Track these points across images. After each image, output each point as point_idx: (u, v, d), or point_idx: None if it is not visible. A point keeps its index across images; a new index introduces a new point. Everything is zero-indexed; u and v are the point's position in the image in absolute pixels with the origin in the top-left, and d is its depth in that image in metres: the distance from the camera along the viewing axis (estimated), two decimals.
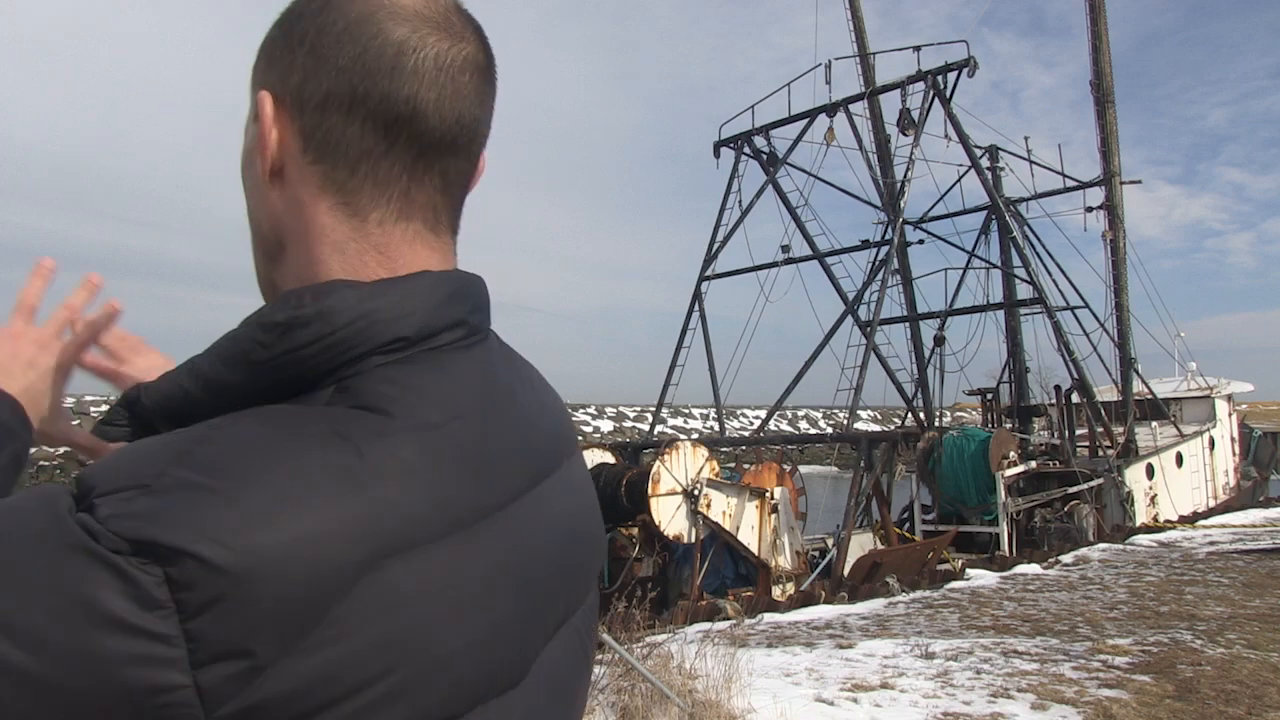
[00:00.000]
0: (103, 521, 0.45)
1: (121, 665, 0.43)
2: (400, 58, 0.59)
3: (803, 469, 14.93)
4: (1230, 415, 22.25)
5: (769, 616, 9.23)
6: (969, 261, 20.54)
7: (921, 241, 21.23)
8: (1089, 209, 20.70)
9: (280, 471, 0.49)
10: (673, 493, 12.20)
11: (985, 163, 20.06)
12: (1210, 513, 18.25)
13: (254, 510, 0.47)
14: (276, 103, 0.61)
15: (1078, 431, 18.10)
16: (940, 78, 18.05)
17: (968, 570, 11.48)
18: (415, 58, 0.59)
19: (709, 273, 21.28)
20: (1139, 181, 23.26)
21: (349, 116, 0.59)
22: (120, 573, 0.44)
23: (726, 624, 7.94)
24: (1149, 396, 20.43)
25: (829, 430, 37.21)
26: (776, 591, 12.16)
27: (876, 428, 28.99)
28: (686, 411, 54.08)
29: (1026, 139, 23.27)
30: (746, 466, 14.10)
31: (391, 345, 0.57)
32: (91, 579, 0.44)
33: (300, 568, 0.47)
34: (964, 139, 18.38)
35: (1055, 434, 18.12)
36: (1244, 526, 15.36)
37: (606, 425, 53.38)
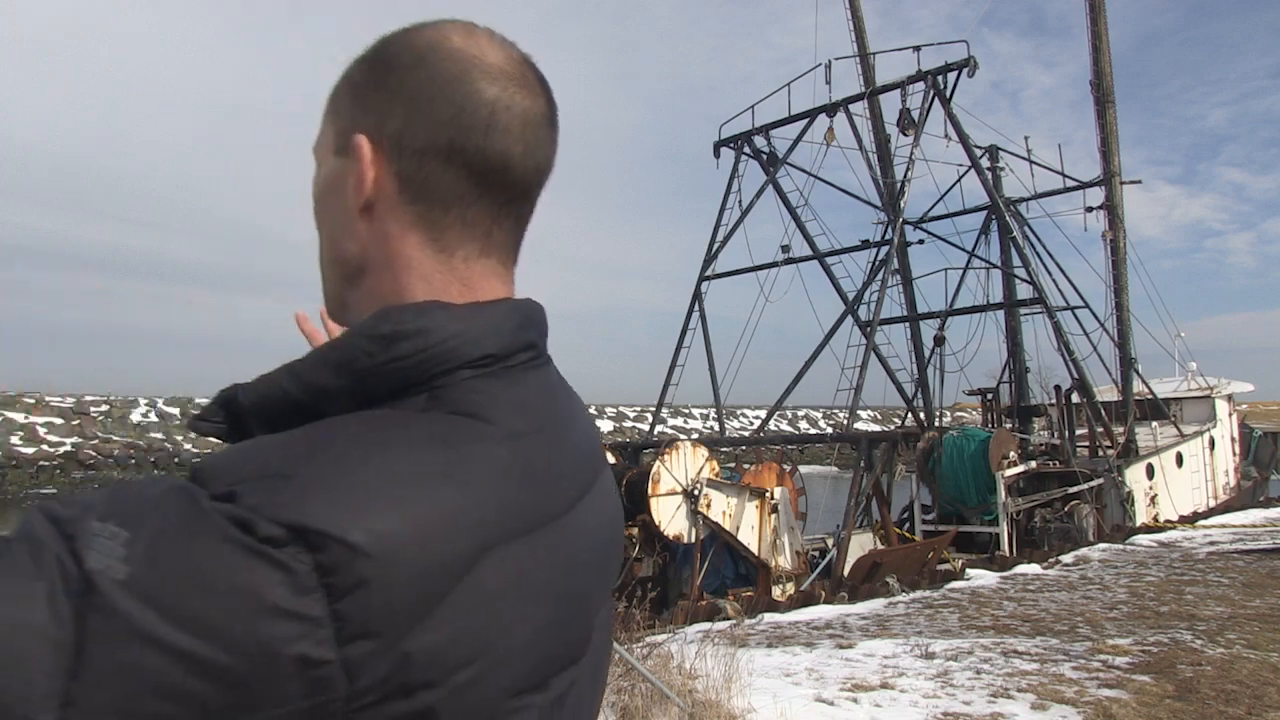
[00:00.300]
0: (252, 510, 0.50)
1: (280, 645, 0.48)
2: (494, 116, 0.66)
3: (803, 469, 14.93)
4: (1230, 415, 22.24)
5: (769, 616, 9.23)
6: (969, 261, 20.53)
7: (921, 241, 21.21)
8: (1089, 209, 20.69)
9: (404, 468, 0.55)
10: (673, 493, 12.21)
11: (985, 163, 20.05)
12: (1210, 513, 18.23)
13: (386, 502, 0.53)
14: (373, 146, 0.66)
15: (1078, 431, 18.09)
16: (940, 78, 18.04)
17: (968, 570, 11.48)
18: (506, 115, 0.66)
19: (709, 273, 21.27)
20: (1139, 181, 23.24)
21: (446, 165, 0.66)
22: (275, 561, 0.49)
23: (726, 624, 7.94)
24: (1149, 396, 20.42)
25: (829, 430, 37.23)
26: (776, 591, 12.17)
27: (876, 428, 28.98)
28: (686, 411, 54.06)
29: (1026, 139, 23.29)
30: (746, 466, 14.10)
31: (480, 361, 0.63)
32: (249, 567, 0.48)
33: (426, 555, 0.53)
34: (964, 139, 18.36)
35: (1055, 434, 18.11)
36: (1244, 526, 15.35)
37: (606, 425, 53.37)
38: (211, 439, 0.67)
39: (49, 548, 0.48)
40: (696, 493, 12.31)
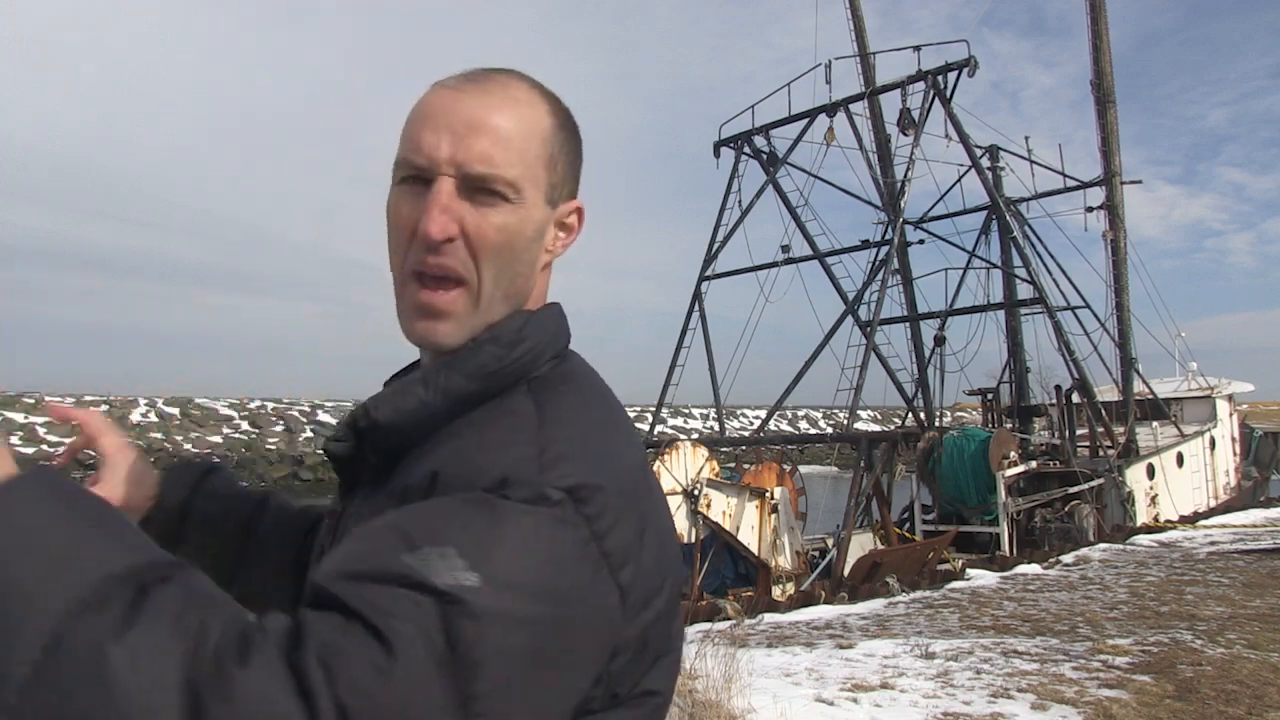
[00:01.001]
0: (534, 486, 0.61)
1: (589, 588, 0.60)
2: None
3: (803, 469, 14.93)
4: (1231, 415, 22.21)
5: (769, 616, 9.23)
6: (969, 261, 20.47)
7: (922, 241, 21.17)
8: (1089, 209, 20.65)
9: (589, 428, 0.70)
10: (672, 493, 12.20)
11: (985, 162, 20.00)
12: (1211, 513, 18.22)
13: (604, 455, 0.68)
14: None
15: (1078, 431, 18.07)
16: (940, 77, 18.01)
17: (968, 570, 11.47)
18: None
19: (709, 273, 21.23)
20: (1139, 181, 23.22)
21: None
22: (566, 520, 0.61)
23: (726, 624, 7.93)
24: (1150, 396, 20.39)
25: (829, 430, 37.20)
26: (776, 591, 12.16)
27: (876, 428, 28.98)
28: (686, 411, 54.05)
29: (1027, 139, 23.22)
30: (746, 466, 14.11)
31: (560, 352, 0.80)
32: (553, 531, 0.60)
33: (634, 490, 0.68)
34: (964, 139, 18.34)
35: (1056, 434, 18.09)
36: (1244, 526, 15.35)
37: None
38: (211, 440, 0.72)
39: (398, 598, 0.54)
40: (696, 493, 12.31)
